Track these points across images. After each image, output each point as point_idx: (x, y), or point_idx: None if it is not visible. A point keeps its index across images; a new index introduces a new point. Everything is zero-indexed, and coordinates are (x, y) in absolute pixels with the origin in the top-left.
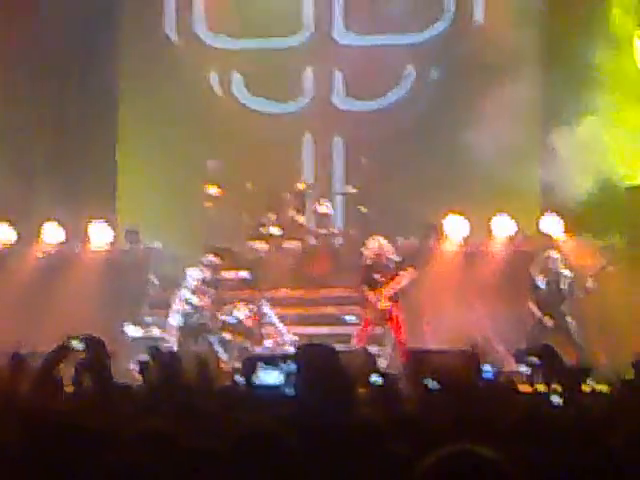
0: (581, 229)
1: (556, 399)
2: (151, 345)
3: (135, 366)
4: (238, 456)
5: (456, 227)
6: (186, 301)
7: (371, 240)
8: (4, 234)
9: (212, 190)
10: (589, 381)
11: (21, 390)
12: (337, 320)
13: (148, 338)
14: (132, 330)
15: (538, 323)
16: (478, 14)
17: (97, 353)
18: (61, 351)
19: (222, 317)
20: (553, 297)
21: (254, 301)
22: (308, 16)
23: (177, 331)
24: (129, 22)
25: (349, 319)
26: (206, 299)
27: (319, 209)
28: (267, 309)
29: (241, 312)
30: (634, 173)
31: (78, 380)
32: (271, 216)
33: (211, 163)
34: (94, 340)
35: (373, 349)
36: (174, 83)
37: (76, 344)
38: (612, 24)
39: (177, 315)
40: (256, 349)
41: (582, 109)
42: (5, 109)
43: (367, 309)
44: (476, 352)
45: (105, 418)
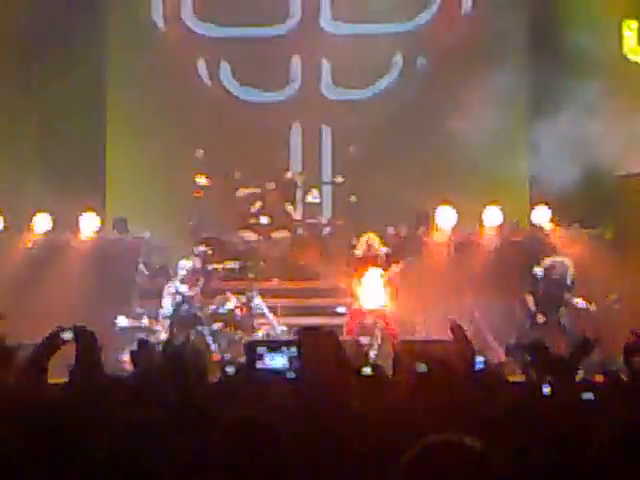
0: (569, 219)
1: (547, 389)
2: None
3: (126, 356)
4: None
5: (446, 217)
6: (176, 291)
7: (360, 239)
8: None
9: (201, 180)
10: (581, 372)
11: (8, 382)
12: (328, 311)
13: (138, 328)
14: (121, 320)
15: (530, 318)
16: (465, 2)
17: (87, 344)
18: (51, 342)
19: (212, 307)
20: (550, 297)
21: (244, 292)
22: (295, 4)
23: (167, 321)
24: (116, 9)
25: (340, 310)
26: (196, 289)
27: (307, 198)
28: (257, 300)
29: (231, 303)
30: (621, 162)
31: (68, 371)
32: (259, 206)
33: (199, 152)
34: (84, 331)
35: (364, 340)
36: (162, 71)
37: (66, 335)
38: (598, 11)
39: (167, 305)
40: (247, 340)
41: (568, 97)
42: None
43: (357, 301)
44: (470, 342)
45: (95, 409)
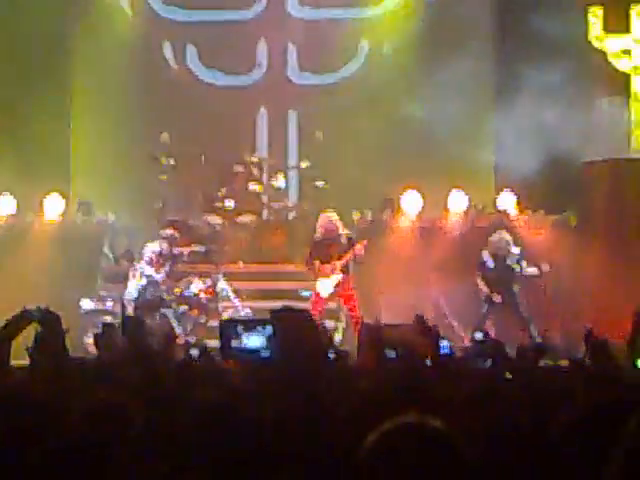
0: (534, 205)
1: (510, 375)
2: (105, 319)
3: (90, 340)
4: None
5: (412, 202)
6: (142, 274)
7: (321, 215)
8: None
9: (166, 162)
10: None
11: None
12: (294, 294)
13: (102, 311)
14: (86, 303)
15: (487, 299)
16: None
17: (52, 327)
18: (15, 324)
19: (178, 291)
20: (501, 275)
21: (210, 275)
22: None
23: (132, 304)
24: None
25: (305, 293)
26: (162, 272)
27: (273, 183)
28: (223, 283)
29: (197, 286)
30: (585, 148)
31: (31, 353)
32: (224, 190)
33: (164, 136)
34: (49, 313)
35: (329, 324)
36: (128, 55)
37: (31, 316)
38: None
39: (133, 288)
40: (211, 323)
41: (533, 83)
42: None
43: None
44: (435, 326)
45: (57, 392)
